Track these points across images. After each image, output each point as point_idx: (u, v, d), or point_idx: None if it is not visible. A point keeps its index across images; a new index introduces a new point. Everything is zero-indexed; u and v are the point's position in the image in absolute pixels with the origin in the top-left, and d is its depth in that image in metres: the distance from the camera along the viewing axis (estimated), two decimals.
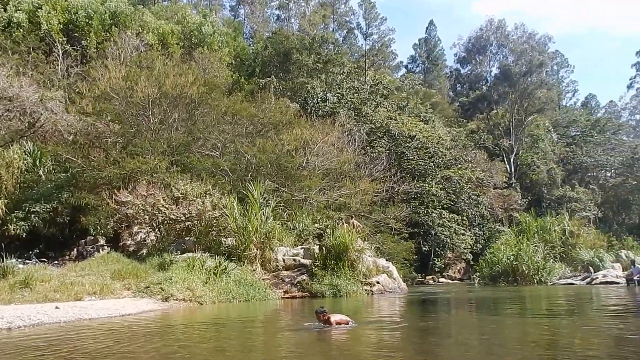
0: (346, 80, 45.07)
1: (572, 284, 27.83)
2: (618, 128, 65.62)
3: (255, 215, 19.81)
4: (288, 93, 40.79)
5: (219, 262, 17.66)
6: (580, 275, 30.35)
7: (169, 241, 20.33)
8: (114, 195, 20.20)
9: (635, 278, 25.15)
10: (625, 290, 21.67)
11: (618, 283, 26.73)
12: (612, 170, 59.80)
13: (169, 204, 20.22)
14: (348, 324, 9.02)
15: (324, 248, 21.07)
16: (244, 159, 25.86)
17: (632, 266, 26.66)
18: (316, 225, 23.70)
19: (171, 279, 15.57)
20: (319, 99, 39.83)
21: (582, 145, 58.45)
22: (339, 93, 41.41)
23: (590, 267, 31.09)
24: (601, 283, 27.03)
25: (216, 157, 26.08)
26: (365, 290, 20.06)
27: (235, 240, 19.86)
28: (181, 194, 20.72)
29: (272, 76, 41.91)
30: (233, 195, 21.28)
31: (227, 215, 20.01)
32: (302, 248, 21.87)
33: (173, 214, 20.00)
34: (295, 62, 44.54)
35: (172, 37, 40.79)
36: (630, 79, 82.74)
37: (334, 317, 8.97)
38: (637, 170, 53.47)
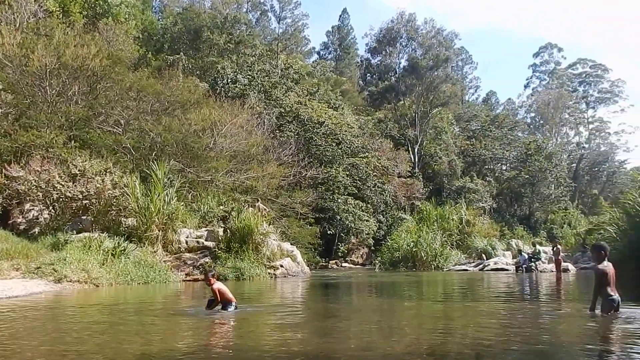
0: (258, 63, 44.57)
1: (466, 270, 29.25)
2: (514, 125, 69.13)
3: (158, 195, 19.26)
4: (197, 72, 39.80)
5: (118, 242, 17.03)
6: (474, 262, 32.00)
7: (64, 220, 19.29)
8: (3, 170, 18.86)
9: (522, 265, 26.86)
10: (514, 277, 23.09)
11: (508, 270, 28.40)
12: (508, 164, 63.22)
13: (65, 181, 19.16)
14: (232, 303, 8.65)
15: (228, 231, 20.92)
16: (149, 137, 24.96)
17: (520, 254, 28.40)
18: (221, 207, 23.46)
19: (65, 260, 14.78)
20: (229, 80, 39.16)
21: (482, 139, 61.19)
22: (249, 75, 40.88)
23: (484, 255, 32.88)
24: (492, 269, 28.60)
25: (118, 133, 25.00)
26: (269, 273, 20.14)
27: (136, 221, 19.21)
28: (79, 170, 19.69)
29: (181, 53, 40.70)
30: (135, 174, 20.53)
31: (128, 195, 19.29)
32: (206, 230, 21.56)
33: (69, 192, 18.98)
34: (206, 41, 43.51)
35: (75, 5, 38.42)
36: (527, 79, 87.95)
37: (218, 285, 8.67)
38: (530, 165, 56.83)
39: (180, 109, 27.37)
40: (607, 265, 7.59)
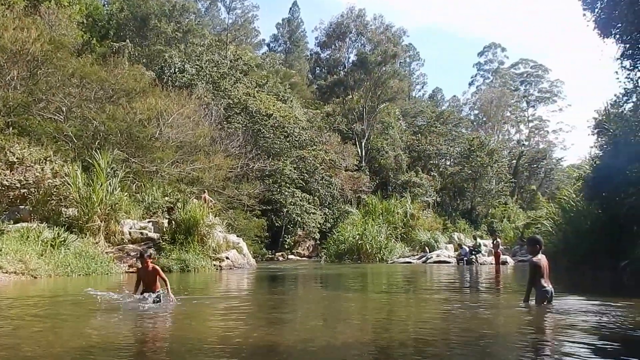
0: (206, 53, 43.99)
1: (410, 262, 29.91)
2: (459, 121, 70.60)
3: (101, 185, 18.86)
4: (144, 60, 38.93)
5: (58, 233, 16.60)
6: (417, 255, 32.75)
7: (1, 209, 18.62)
8: None
9: (464, 258, 27.69)
10: (455, 269, 23.77)
11: (449, 262, 29.22)
12: (451, 160, 64.57)
13: (2, 169, 18.51)
14: (156, 291, 8.45)
15: (173, 222, 20.71)
16: (92, 125, 24.33)
17: (462, 248, 29.25)
18: (167, 198, 23.18)
19: (1, 250, 14.31)
20: (176, 69, 38.50)
21: (427, 134, 62.23)
22: (197, 65, 40.31)
23: (427, 248, 33.68)
24: (435, 262, 29.35)
25: (60, 121, 24.25)
26: (214, 265, 20.08)
27: (78, 211, 18.74)
28: (17, 158, 19.02)
29: (127, 41, 39.70)
30: (77, 163, 20.02)
31: (69, 184, 18.81)
32: (150, 221, 21.26)
33: (6, 180, 18.35)
34: (153, 29, 42.62)
35: None
36: (471, 77, 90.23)
37: (159, 268, 8.63)
38: (472, 160, 58.25)
39: (126, 97, 26.77)
40: (541, 258, 7.86)
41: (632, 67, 18.12)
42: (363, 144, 56.39)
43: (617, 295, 10.55)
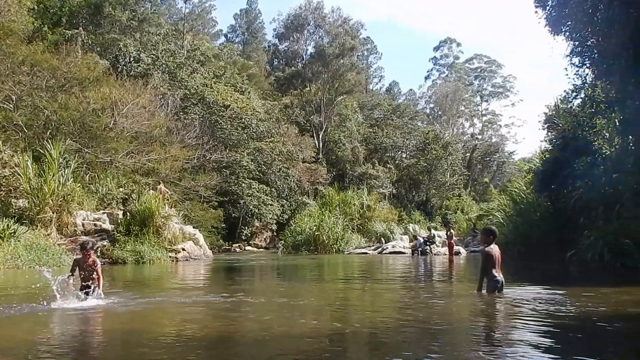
0: (162, 42, 43.26)
1: (366, 253, 30.33)
2: (415, 114, 71.50)
3: (53, 176, 18.51)
4: (97, 48, 38.01)
5: (7, 224, 16.23)
6: (373, 246, 33.22)
7: None
8: None
9: (418, 249, 28.23)
10: (410, 260, 24.24)
11: (404, 253, 29.74)
12: (407, 152, 65.56)
13: None
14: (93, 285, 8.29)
15: (128, 213, 20.49)
16: (43, 114, 23.74)
17: (416, 239, 29.81)
18: (121, 189, 22.89)
19: None
20: (131, 59, 37.80)
21: (384, 127, 62.89)
22: (153, 54, 39.67)
23: (382, 239, 34.21)
24: (390, 253, 29.85)
25: (9, 110, 23.57)
26: (170, 257, 19.99)
27: (28, 202, 18.35)
28: None
29: (81, 28, 38.66)
30: (28, 154, 19.55)
31: (19, 175, 18.39)
32: (104, 213, 20.97)
33: None
34: (108, 17, 41.60)
35: None
36: (427, 72, 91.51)
37: (98, 263, 8.57)
38: (428, 153, 59.21)
39: (79, 86, 26.19)
40: (493, 248, 8.07)
41: (580, 64, 18.78)
42: (321, 136, 56.60)
43: (564, 285, 10.98)
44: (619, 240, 14.32)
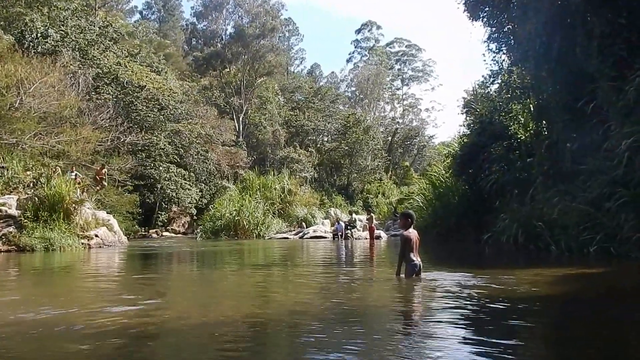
0: (72, 18, 40.84)
1: (287, 238, 30.20)
2: (336, 97, 71.71)
3: None
4: (1, 23, 35.42)
5: None
6: (294, 230, 33.11)
7: None
8: None
9: (339, 233, 28.35)
10: (331, 244, 24.28)
11: (326, 237, 29.84)
12: (329, 136, 65.81)
13: None
14: None
15: (36, 198, 19.29)
16: None
17: (337, 223, 29.94)
18: (29, 173, 21.52)
19: None
20: (38, 34, 35.40)
21: (305, 110, 62.81)
22: (62, 30, 37.35)
23: (304, 223, 34.14)
24: (312, 237, 29.86)
25: None
26: (82, 244, 19.08)
27: None
28: None
29: None
30: None
31: None
32: (10, 197, 19.57)
33: None
34: None
35: None
36: (349, 54, 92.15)
37: None
38: (349, 137, 59.74)
39: None
40: (411, 232, 8.14)
41: (497, 50, 19.30)
42: (241, 119, 55.85)
43: (480, 266, 11.33)
44: (531, 222, 14.82)
